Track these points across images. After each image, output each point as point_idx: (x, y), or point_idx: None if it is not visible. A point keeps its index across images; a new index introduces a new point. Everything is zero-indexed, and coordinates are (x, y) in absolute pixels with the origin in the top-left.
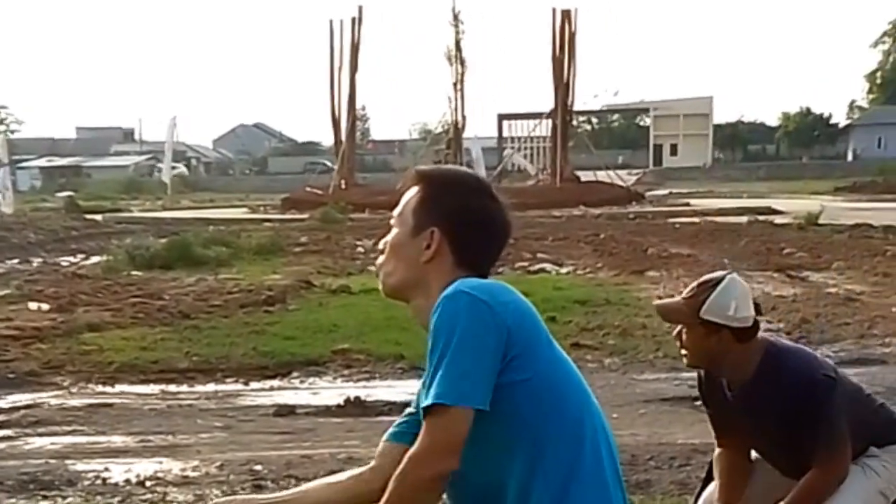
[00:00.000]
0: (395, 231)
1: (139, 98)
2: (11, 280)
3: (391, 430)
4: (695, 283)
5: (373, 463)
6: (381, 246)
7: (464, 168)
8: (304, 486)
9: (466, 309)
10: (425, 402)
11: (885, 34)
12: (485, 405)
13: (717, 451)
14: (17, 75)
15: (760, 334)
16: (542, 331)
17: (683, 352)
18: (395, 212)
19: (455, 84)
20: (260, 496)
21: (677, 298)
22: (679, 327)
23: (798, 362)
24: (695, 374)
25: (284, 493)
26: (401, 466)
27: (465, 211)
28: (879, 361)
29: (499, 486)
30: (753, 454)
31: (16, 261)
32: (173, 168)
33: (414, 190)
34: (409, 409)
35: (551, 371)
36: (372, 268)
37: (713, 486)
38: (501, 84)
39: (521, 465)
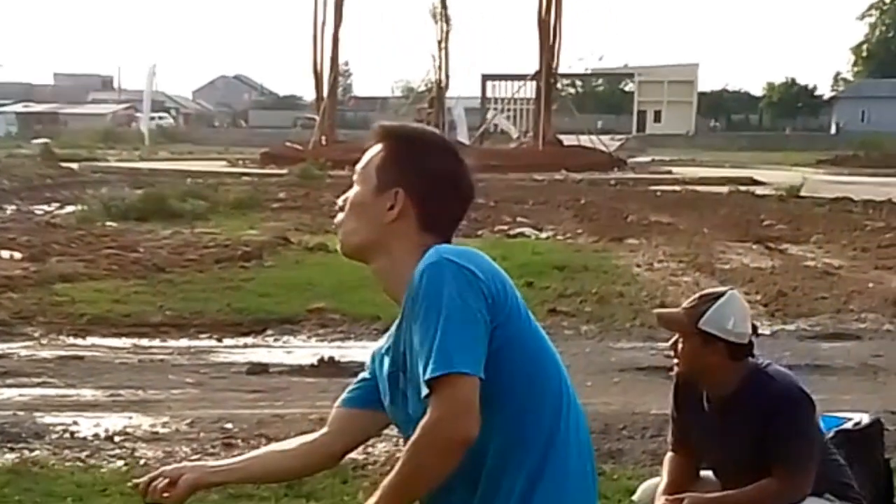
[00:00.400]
0: (356, 188)
1: (118, 45)
2: None
3: (344, 395)
4: (696, 295)
5: (325, 429)
6: (340, 202)
7: (429, 127)
8: (254, 452)
9: (454, 277)
10: (439, 372)
11: (871, 7)
12: (483, 374)
13: (670, 454)
14: None
15: (750, 360)
16: (520, 301)
17: (675, 360)
18: (358, 167)
19: (439, 42)
20: (210, 462)
21: (678, 308)
22: (675, 336)
23: (784, 382)
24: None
25: (235, 459)
26: (421, 433)
27: (431, 172)
28: (855, 336)
29: (478, 454)
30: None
31: None
32: (160, 118)
33: (378, 147)
34: (362, 374)
35: (530, 342)
36: None
37: (656, 480)
38: (486, 44)
39: (501, 434)
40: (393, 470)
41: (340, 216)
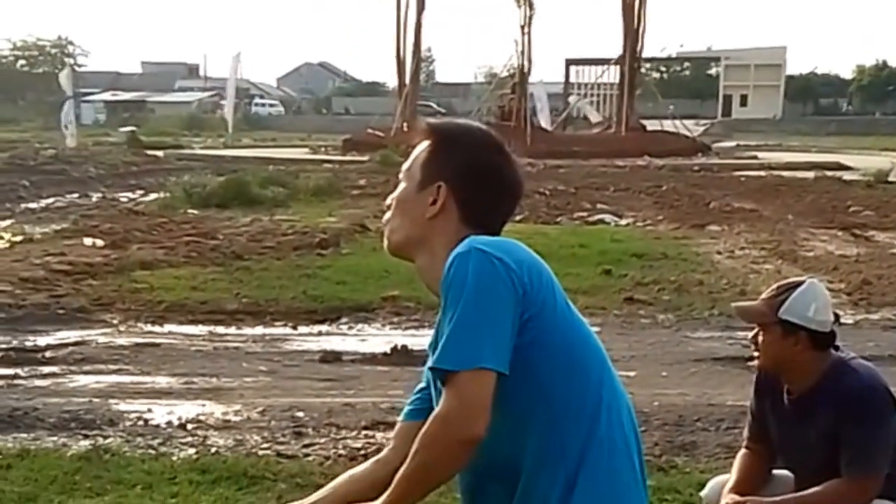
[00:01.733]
0: (401, 186)
1: (204, 33)
2: (69, 214)
3: (406, 408)
4: (775, 285)
5: (391, 444)
6: (388, 202)
7: (476, 123)
8: (333, 483)
9: (481, 266)
10: (447, 366)
11: None
12: (505, 368)
13: (743, 451)
14: (83, 8)
15: (834, 352)
16: (559, 291)
17: (756, 353)
18: (404, 166)
19: (522, 27)
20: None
21: (757, 301)
22: (756, 329)
23: (865, 377)
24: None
25: (313, 497)
26: (425, 429)
27: (474, 166)
28: None
29: (513, 456)
30: (775, 472)
31: (75, 195)
32: (271, 106)
33: (424, 144)
34: (420, 385)
35: (568, 333)
36: None
37: (725, 477)
38: (570, 29)
39: (537, 433)
40: (404, 464)
41: (387, 215)
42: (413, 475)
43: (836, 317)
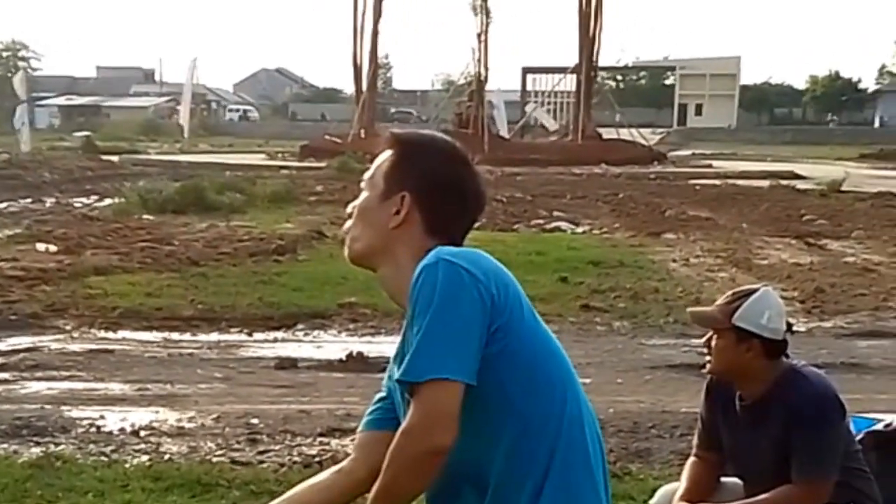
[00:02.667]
0: (364, 195)
1: (160, 39)
2: (22, 220)
3: (365, 418)
4: (729, 292)
5: (352, 455)
6: (349, 210)
7: (440, 134)
8: (289, 493)
9: (449, 277)
10: (413, 378)
11: None
12: (473, 379)
13: (692, 459)
14: (38, 12)
15: (786, 360)
16: (525, 303)
17: (708, 358)
18: (366, 175)
19: (479, 35)
20: None
21: (711, 306)
22: (709, 334)
23: (816, 385)
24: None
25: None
26: (395, 442)
27: (438, 176)
28: (893, 335)
29: (482, 465)
30: (724, 479)
31: (28, 200)
32: (246, 111)
33: (387, 153)
34: (380, 395)
35: (535, 344)
36: None
37: (674, 485)
38: (526, 37)
39: (506, 443)
40: (377, 480)
41: (348, 223)
42: (386, 490)
43: (789, 325)
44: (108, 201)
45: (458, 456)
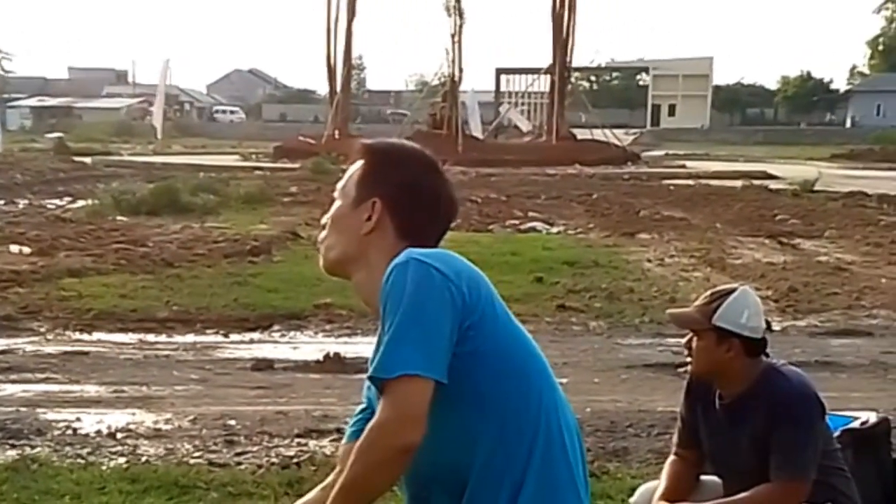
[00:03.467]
0: (337, 204)
1: (133, 39)
2: None
3: (349, 430)
4: (707, 293)
5: (337, 468)
6: (323, 221)
7: (411, 143)
8: None
9: (419, 275)
10: (382, 374)
11: (888, 0)
12: (443, 377)
13: (672, 458)
14: (9, 13)
15: (765, 358)
16: (499, 303)
17: (689, 359)
18: (339, 185)
19: (453, 36)
20: None
21: (690, 308)
22: (689, 335)
23: (796, 383)
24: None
25: None
26: (363, 438)
27: (409, 183)
28: (866, 333)
29: (458, 466)
30: (703, 477)
31: (1, 202)
32: (232, 112)
33: (359, 163)
34: (361, 406)
35: (509, 344)
36: None
37: (655, 483)
38: (500, 38)
39: (483, 443)
40: (342, 475)
41: (322, 234)
42: (351, 485)
43: (768, 324)
44: (81, 203)
45: (433, 459)
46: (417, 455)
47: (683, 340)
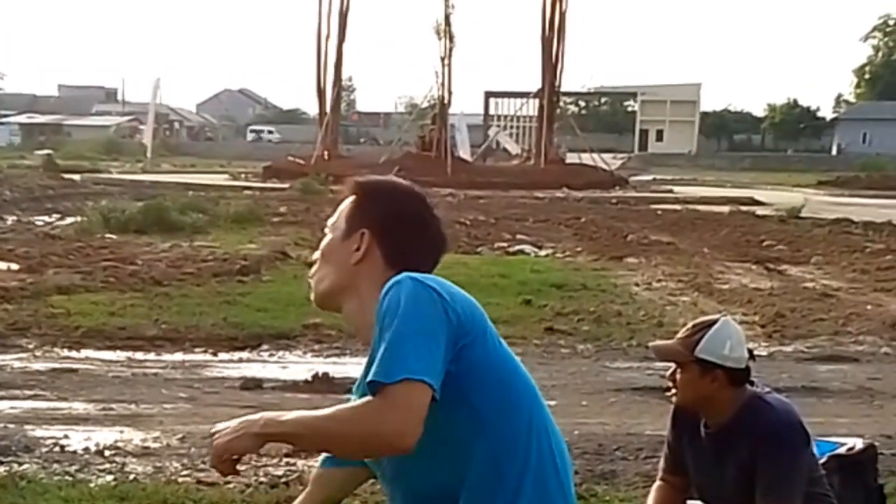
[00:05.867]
0: (327, 238)
1: (123, 58)
2: None
3: (324, 455)
4: (690, 325)
5: (309, 487)
6: (314, 257)
7: (402, 180)
8: None
9: (415, 291)
10: (383, 378)
11: (875, 28)
12: (438, 389)
13: (658, 483)
14: None
15: (749, 387)
16: (490, 328)
17: (673, 391)
18: (330, 221)
19: (443, 59)
20: None
21: (672, 339)
22: (672, 367)
23: (781, 412)
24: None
25: None
26: (364, 406)
27: (398, 215)
28: (852, 359)
29: (450, 485)
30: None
31: None
32: (269, 132)
33: (350, 199)
34: None
35: (501, 365)
36: None
37: None
38: (490, 61)
39: (475, 462)
40: (324, 411)
41: (314, 269)
42: (323, 430)
43: (751, 352)
44: (70, 220)
45: (428, 474)
46: (412, 471)
47: (667, 373)
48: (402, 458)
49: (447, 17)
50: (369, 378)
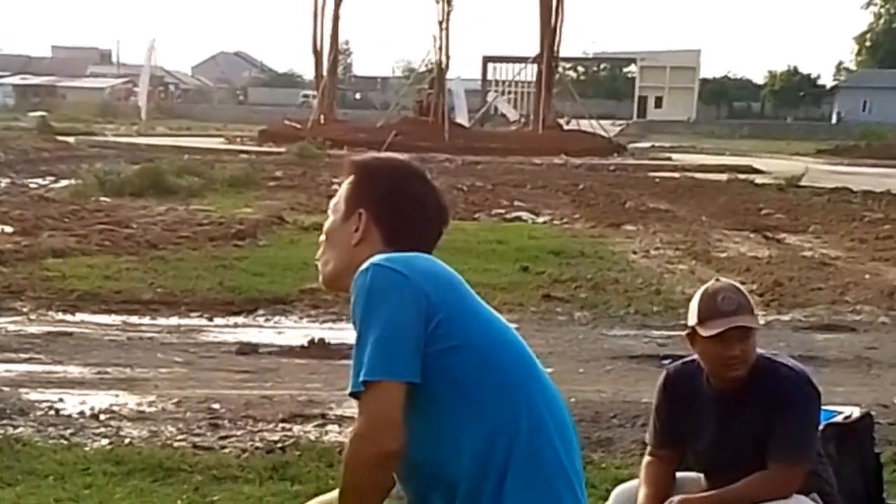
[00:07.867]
0: (329, 220)
1: (118, 19)
2: None
3: None
4: (730, 291)
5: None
6: (321, 239)
7: (399, 156)
8: None
9: (378, 280)
10: (353, 388)
11: None
12: (415, 377)
13: (648, 459)
14: None
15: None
16: (469, 297)
17: (737, 367)
18: (332, 202)
19: (440, 23)
20: None
21: (742, 314)
22: (738, 346)
23: (795, 368)
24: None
25: None
26: (346, 448)
27: (395, 192)
28: (850, 328)
29: (450, 465)
30: (680, 474)
31: None
32: (313, 97)
33: (349, 179)
34: None
35: (486, 337)
36: None
37: (630, 485)
38: (488, 26)
39: (470, 439)
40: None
41: (320, 251)
42: (346, 490)
43: None
44: (64, 183)
45: (425, 457)
46: (412, 454)
47: (735, 352)
48: (407, 443)
49: None
50: (347, 391)
